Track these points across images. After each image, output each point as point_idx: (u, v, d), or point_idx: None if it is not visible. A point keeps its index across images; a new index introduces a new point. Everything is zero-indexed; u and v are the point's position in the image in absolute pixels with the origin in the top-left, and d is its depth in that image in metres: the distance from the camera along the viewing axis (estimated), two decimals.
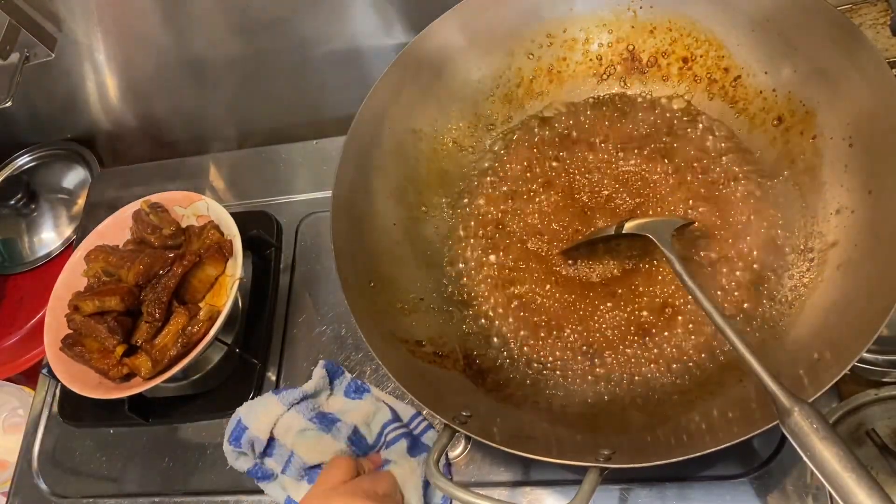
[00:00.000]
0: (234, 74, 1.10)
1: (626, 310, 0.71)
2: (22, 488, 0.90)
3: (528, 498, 0.73)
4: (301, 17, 0.99)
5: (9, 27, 1.00)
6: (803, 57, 0.70)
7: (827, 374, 0.53)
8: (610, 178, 0.78)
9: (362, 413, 0.79)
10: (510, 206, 0.80)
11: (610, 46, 0.82)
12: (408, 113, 0.80)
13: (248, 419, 0.77)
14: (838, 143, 0.67)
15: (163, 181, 1.09)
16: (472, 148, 0.84)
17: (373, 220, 0.76)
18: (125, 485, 0.87)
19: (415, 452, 0.76)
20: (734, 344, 0.55)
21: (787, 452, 0.69)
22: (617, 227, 0.70)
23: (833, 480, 0.47)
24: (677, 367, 0.67)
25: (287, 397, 0.78)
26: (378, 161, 0.78)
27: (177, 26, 1.03)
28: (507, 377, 0.70)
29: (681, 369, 0.67)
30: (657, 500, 0.70)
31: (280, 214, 0.99)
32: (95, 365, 0.82)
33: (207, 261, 0.86)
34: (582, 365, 0.70)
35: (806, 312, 0.64)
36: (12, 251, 1.17)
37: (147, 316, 0.82)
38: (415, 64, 0.79)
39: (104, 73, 1.12)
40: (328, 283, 0.93)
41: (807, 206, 0.69)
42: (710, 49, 0.77)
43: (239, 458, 0.79)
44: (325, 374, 0.82)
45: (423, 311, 0.74)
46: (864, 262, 0.61)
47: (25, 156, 1.24)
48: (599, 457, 0.55)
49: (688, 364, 0.67)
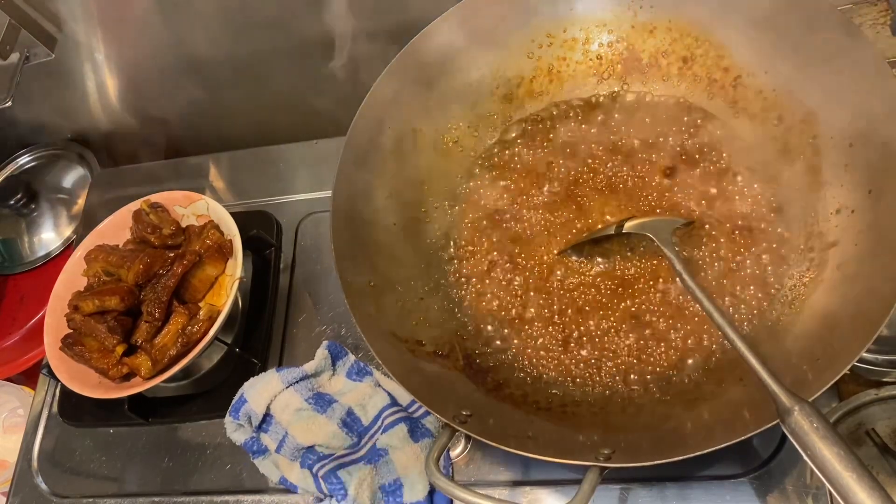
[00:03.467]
0: (234, 74, 1.10)
1: (626, 309, 0.71)
2: (22, 488, 0.90)
3: (528, 497, 0.73)
4: (301, 17, 0.99)
5: (9, 27, 1.00)
6: (803, 57, 0.70)
7: (827, 374, 0.53)
8: (610, 178, 0.78)
9: (359, 394, 0.79)
10: (510, 205, 0.80)
11: (610, 46, 0.82)
12: (408, 113, 0.80)
13: (248, 393, 0.80)
14: (838, 142, 0.67)
15: (163, 181, 1.09)
16: (472, 148, 0.84)
17: (373, 219, 0.76)
18: (125, 485, 0.87)
19: (416, 437, 0.76)
20: (734, 343, 0.55)
21: (787, 452, 0.69)
22: (617, 227, 0.70)
23: (833, 480, 0.47)
24: (677, 366, 0.67)
25: (287, 375, 0.80)
26: (378, 161, 0.78)
27: (177, 26, 1.03)
28: (507, 377, 0.70)
29: (681, 369, 0.67)
30: (657, 500, 0.70)
31: (280, 214, 0.99)
32: (95, 365, 0.82)
33: (207, 260, 0.86)
34: (582, 364, 0.70)
35: (806, 312, 0.64)
36: (12, 251, 1.17)
37: (147, 316, 0.82)
38: (415, 64, 0.79)
39: (104, 73, 1.12)
40: (328, 283, 0.93)
41: (807, 205, 0.69)
42: (710, 49, 0.77)
43: (237, 431, 0.81)
44: (328, 355, 0.83)
45: (423, 311, 0.74)
46: (864, 261, 0.61)
47: (25, 156, 1.24)
48: (599, 456, 0.55)
49: (688, 363, 0.67)
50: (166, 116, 1.19)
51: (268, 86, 1.12)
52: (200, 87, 1.13)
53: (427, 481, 0.74)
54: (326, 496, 0.76)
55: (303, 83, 1.10)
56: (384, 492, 0.75)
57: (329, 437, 0.77)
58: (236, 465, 0.84)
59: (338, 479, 0.74)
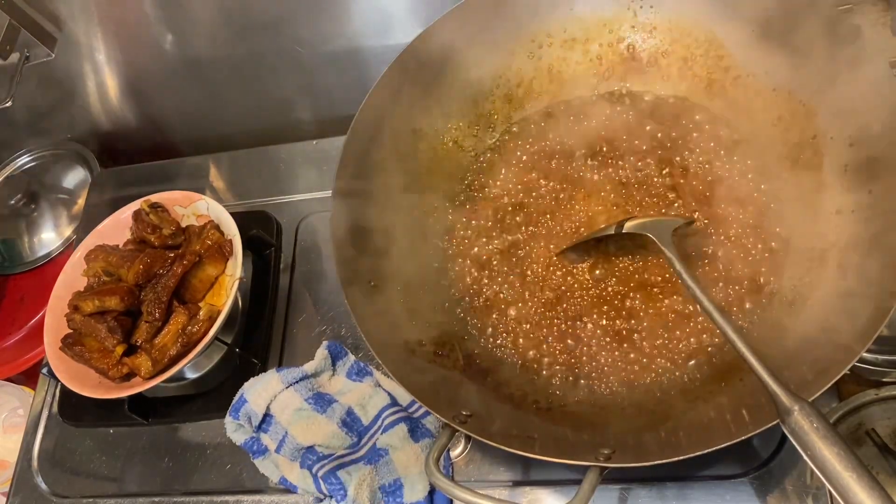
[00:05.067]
0: (234, 74, 1.10)
1: (626, 309, 0.71)
2: (22, 488, 0.90)
3: (528, 497, 0.73)
4: (301, 17, 0.99)
5: (9, 27, 1.00)
6: (803, 57, 0.70)
7: (827, 374, 0.53)
8: (609, 178, 0.78)
9: (359, 394, 0.80)
10: (510, 205, 0.80)
11: (610, 46, 0.82)
12: (408, 113, 0.80)
13: (249, 393, 0.80)
14: (838, 143, 0.67)
15: (163, 181, 1.09)
16: (472, 148, 0.84)
17: (372, 219, 0.76)
18: (125, 485, 0.87)
19: (417, 437, 0.76)
20: (734, 343, 0.55)
21: (787, 452, 0.69)
22: (617, 227, 0.70)
23: (833, 480, 0.47)
24: (677, 366, 0.67)
25: (287, 376, 0.80)
26: (378, 161, 0.78)
27: (177, 26, 1.03)
28: (507, 377, 0.70)
29: (681, 368, 0.67)
30: (657, 500, 0.70)
31: (280, 214, 0.99)
32: (95, 365, 0.82)
33: (207, 260, 0.86)
34: (581, 364, 0.70)
35: (806, 312, 0.64)
36: (12, 251, 1.17)
37: (147, 316, 0.82)
38: (415, 64, 0.79)
39: (104, 73, 1.12)
40: (328, 283, 0.93)
41: (807, 205, 0.69)
42: (710, 49, 0.77)
43: (237, 431, 0.81)
44: (328, 355, 0.83)
45: (423, 311, 0.74)
46: (864, 261, 0.61)
47: (25, 156, 1.24)
48: (599, 456, 0.55)
49: (688, 363, 0.67)
50: (166, 116, 1.19)
51: (268, 86, 1.12)
52: (200, 87, 1.13)
53: (427, 481, 0.74)
54: (326, 496, 0.76)
55: (302, 83, 1.10)
56: (384, 492, 0.75)
57: (329, 437, 0.77)
58: (236, 465, 0.84)
59: (337, 480, 0.74)
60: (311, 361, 0.82)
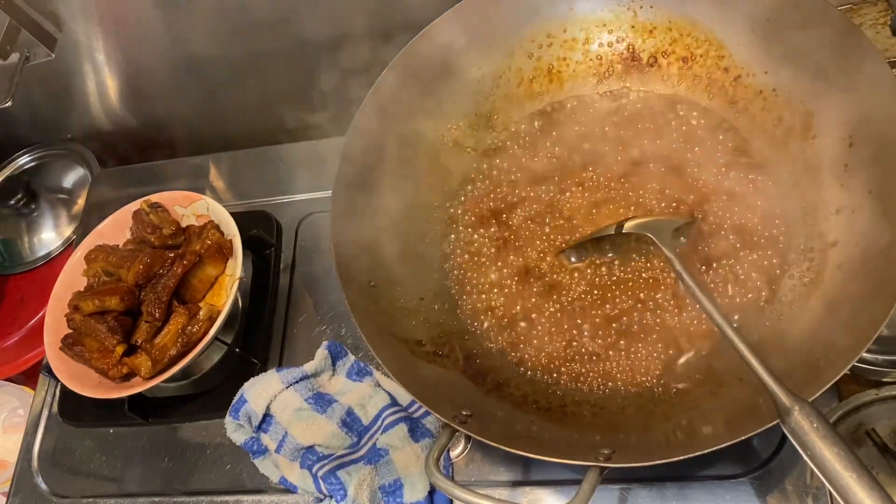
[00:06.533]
0: (235, 74, 1.10)
1: (625, 309, 0.71)
2: (22, 488, 0.90)
3: (528, 497, 0.73)
4: (301, 17, 0.99)
5: (9, 27, 1.00)
6: (803, 57, 0.70)
7: (827, 374, 0.53)
8: (610, 178, 0.78)
9: (359, 394, 0.80)
10: (510, 205, 0.80)
11: (610, 46, 0.82)
12: (408, 113, 0.80)
13: (249, 393, 0.80)
14: (838, 142, 0.67)
15: (163, 181, 1.09)
16: (472, 147, 0.84)
17: (373, 219, 0.76)
18: (125, 485, 0.87)
19: (417, 437, 0.76)
20: (734, 343, 0.55)
21: (787, 452, 0.69)
22: (617, 227, 0.70)
23: (833, 480, 0.47)
24: (677, 366, 0.67)
25: (287, 375, 0.80)
26: (378, 161, 0.78)
27: (177, 26, 1.03)
28: (507, 377, 0.70)
29: (681, 368, 0.67)
30: (657, 500, 0.70)
31: (280, 214, 0.99)
32: (95, 364, 0.82)
33: (207, 261, 0.86)
34: (581, 364, 0.70)
35: (806, 312, 0.64)
36: (12, 251, 1.17)
37: (147, 316, 0.82)
38: (415, 64, 0.79)
39: (104, 73, 1.12)
40: (328, 283, 0.93)
41: (807, 205, 0.69)
42: (710, 49, 0.77)
43: (237, 431, 0.81)
44: (328, 355, 0.83)
45: (423, 311, 0.74)
46: (864, 261, 0.61)
47: (25, 156, 1.24)
48: (599, 456, 0.55)
49: (688, 363, 0.67)
50: (166, 116, 1.19)
51: (268, 86, 1.12)
52: (200, 87, 1.13)
53: (427, 481, 0.74)
54: (326, 496, 0.76)
55: (302, 83, 1.10)
56: (384, 492, 0.75)
57: (329, 437, 0.77)
58: (236, 465, 0.84)
59: (337, 480, 0.74)
60: (311, 361, 0.82)
